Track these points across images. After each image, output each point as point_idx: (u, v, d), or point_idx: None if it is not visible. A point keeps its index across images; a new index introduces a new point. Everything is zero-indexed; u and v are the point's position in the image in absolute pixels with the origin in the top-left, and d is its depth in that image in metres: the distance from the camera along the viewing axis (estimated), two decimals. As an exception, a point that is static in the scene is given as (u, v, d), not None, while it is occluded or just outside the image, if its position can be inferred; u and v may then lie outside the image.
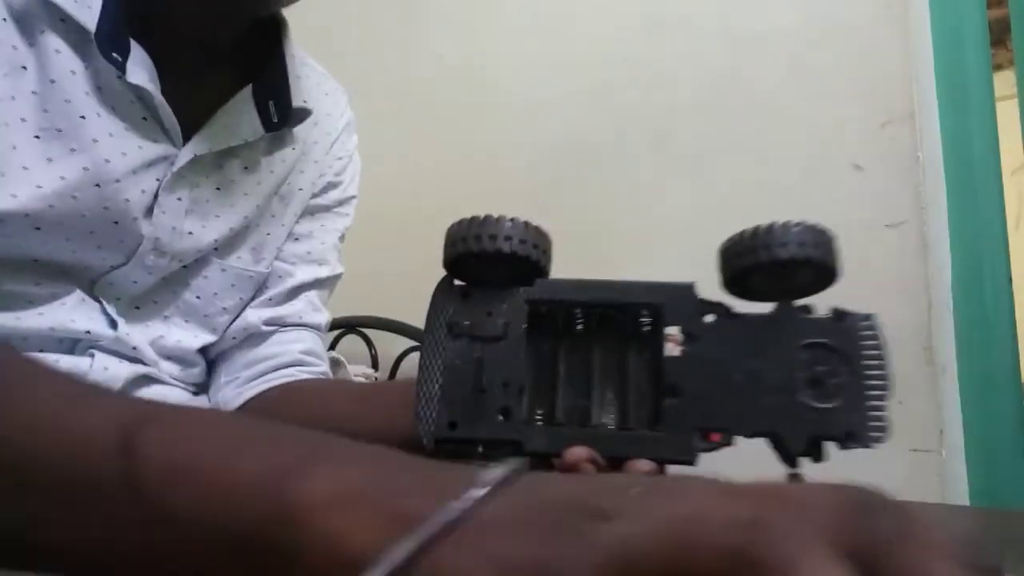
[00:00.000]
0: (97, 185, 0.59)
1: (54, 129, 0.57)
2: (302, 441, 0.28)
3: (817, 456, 0.38)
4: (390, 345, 1.49)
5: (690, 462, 0.36)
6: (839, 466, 1.16)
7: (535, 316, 0.40)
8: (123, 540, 0.27)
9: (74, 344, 0.62)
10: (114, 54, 0.58)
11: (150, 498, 0.26)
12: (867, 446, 0.38)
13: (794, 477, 0.38)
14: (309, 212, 0.77)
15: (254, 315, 0.74)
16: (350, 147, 0.83)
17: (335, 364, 1.24)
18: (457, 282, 0.41)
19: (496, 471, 0.23)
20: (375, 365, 1.49)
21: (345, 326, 1.53)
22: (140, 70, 0.59)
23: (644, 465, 0.36)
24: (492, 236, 0.38)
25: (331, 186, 0.79)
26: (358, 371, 1.33)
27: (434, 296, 0.41)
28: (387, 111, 1.73)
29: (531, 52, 1.56)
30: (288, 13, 0.68)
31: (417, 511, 0.22)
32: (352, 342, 1.52)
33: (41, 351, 0.60)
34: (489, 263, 0.39)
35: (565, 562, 0.20)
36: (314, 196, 0.77)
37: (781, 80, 1.31)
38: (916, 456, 1.15)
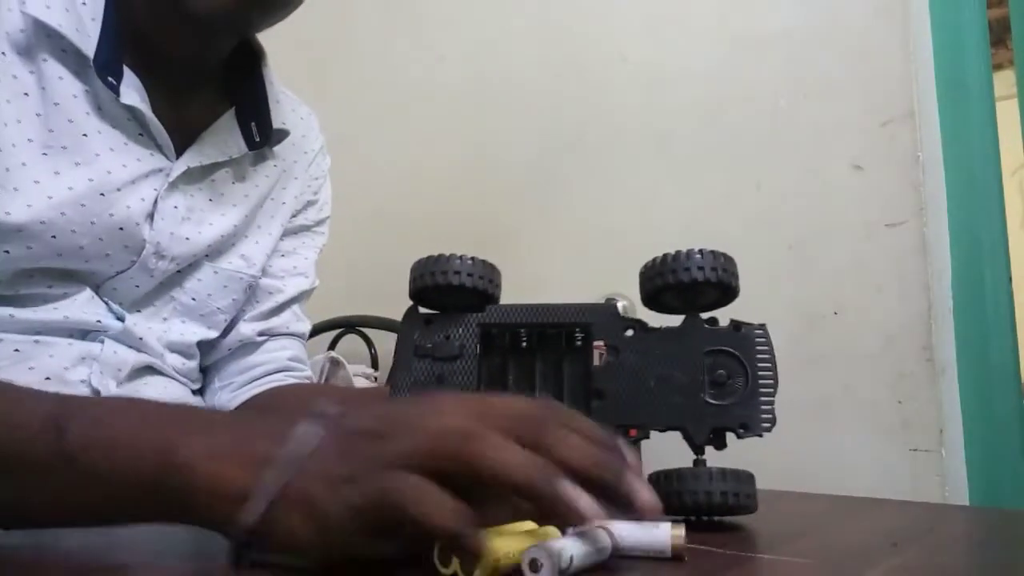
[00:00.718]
0: (102, 194, 0.65)
1: (59, 147, 0.64)
2: (183, 415, 0.40)
3: (720, 444, 0.44)
4: (390, 345, 1.49)
5: None
6: (841, 465, 1.17)
7: (488, 336, 0.48)
8: (61, 500, 0.39)
9: (85, 333, 0.68)
10: (110, 78, 0.64)
11: (78, 466, 0.37)
12: (759, 435, 0.44)
13: (698, 463, 0.45)
14: (293, 232, 0.85)
15: (248, 328, 0.81)
16: (324, 168, 0.90)
17: (335, 364, 1.24)
18: (422, 310, 0.49)
19: (314, 411, 0.36)
20: (375, 365, 1.49)
21: (345, 326, 1.53)
22: (132, 92, 0.66)
23: None
24: (444, 272, 0.46)
25: (310, 204, 0.87)
26: (358, 371, 1.34)
27: (401, 323, 0.49)
28: (389, 112, 1.73)
29: (532, 53, 1.56)
30: (289, 15, 0.71)
31: (268, 453, 0.34)
32: (352, 342, 1.53)
33: (56, 338, 0.66)
34: (447, 294, 0.47)
35: (364, 472, 0.33)
36: (296, 214, 0.85)
37: (781, 80, 1.31)
38: (916, 456, 1.15)
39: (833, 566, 0.37)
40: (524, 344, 0.48)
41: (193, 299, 0.75)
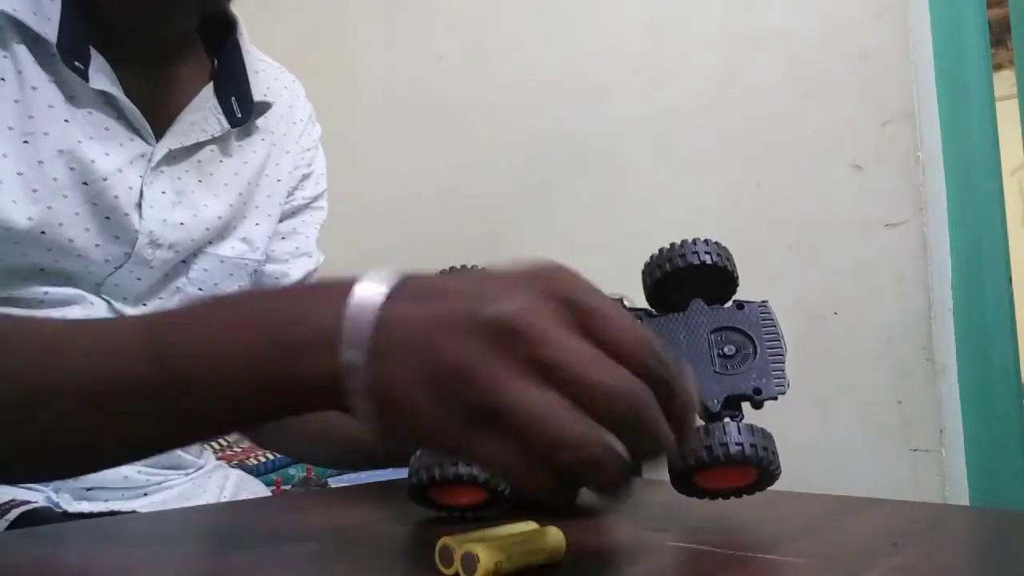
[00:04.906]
0: (85, 183, 0.63)
1: (41, 133, 0.61)
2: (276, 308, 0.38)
3: (735, 413, 0.45)
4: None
5: None
6: (839, 464, 1.16)
7: None
8: (162, 421, 0.38)
9: None
10: (76, 63, 0.61)
11: (189, 385, 0.36)
12: (773, 398, 0.45)
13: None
14: (291, 212, 0.83)
15: None
16: (315, 136, 0.87)
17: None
18: None
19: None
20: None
21: (345, 326, 1.53)
22: (102, 76, 0.63)
23: None
24: None
25: (305, 177, 0.84)
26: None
27: None
28: (388, 112, 1.73)
29: (532, 53, 1.56)
30: (288, 14, 0.70)
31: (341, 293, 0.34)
32: (352, 342, 1.52)
33: None
34: None
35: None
36: (292, 191, 0.82)
37: (781, 80, 1.31)
38: (916, 456, 1.15)
39: (833, 566, 0.37)
40: None
41: (200, 289, 0.73)
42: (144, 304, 0.70)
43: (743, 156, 1.33)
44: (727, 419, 0.44)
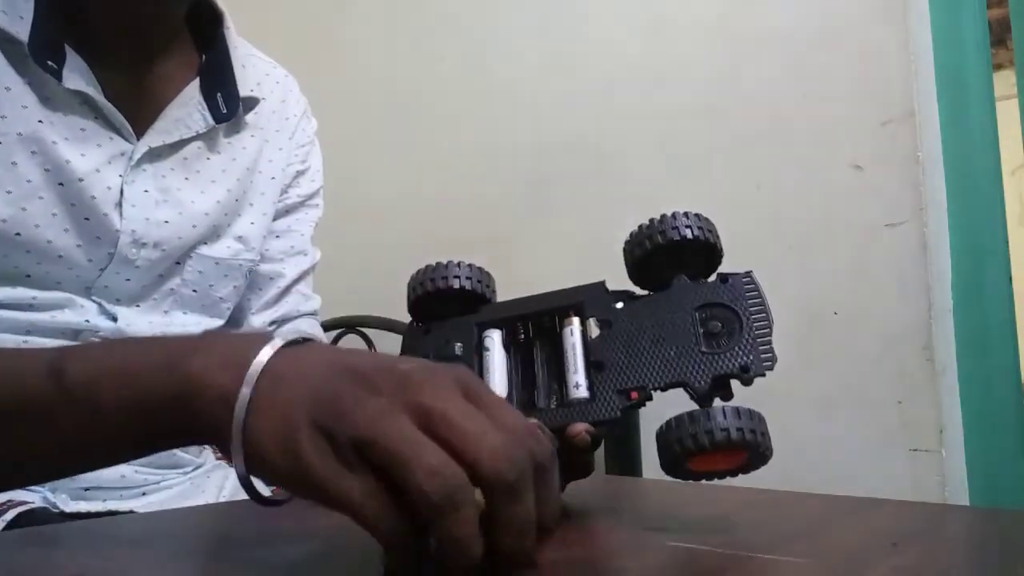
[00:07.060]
0: (61, 184, 0.62)
1: (14, 134, 0.60)
2: (172, 338, 0.40)
3: (725, 395, 0.44)
4: (390, 345, 1.49)
5: (616, 418, 0.44)
6: (839, 464, 1.16)
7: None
8: (63, 443, 0.38)
9: (77, 333, 0.65)
10: (50, 62, 0.60)
11: (80, 403, 0.37)
12: (761, 374, 0.43)
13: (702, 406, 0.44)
14: (286, 210, 0.81)
15: (258, 320, 0.78)
16: (310, 132, 0.85)
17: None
18: (420, 324, 0.50)
19: (285, 336, 0.36)
20: (375, 365, 1.48)
21: (345, 326, 1.53)
22: (76, 76, 0.61)
23: (580, 426, 0.43)
24: (443, 277, 0.48)
25: (300, 174, 0.83)
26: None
27: (403, 339, 0.51)
28: (389, 112, 1.73)
29: (532, 53, 1.56)
30: (289, 14, 0.69)
31: (247, 359, 0.34)
32: (352, 342, 1.52)
33: (46, 339, 0.63)
34: (445, 299, 0.48)
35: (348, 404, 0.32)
36: (286, 188, 0.81)
37: (781, 80, 1.31)
38: (916, 456, 1.15)
39: (833, 566, 0.37)
40: (522, 336, 0.49)
41: (194, 291, 0.72)
42: (138, 306, 0.69)
43: (743, 156, 1.33)
44: (717, 400, 0.43)
